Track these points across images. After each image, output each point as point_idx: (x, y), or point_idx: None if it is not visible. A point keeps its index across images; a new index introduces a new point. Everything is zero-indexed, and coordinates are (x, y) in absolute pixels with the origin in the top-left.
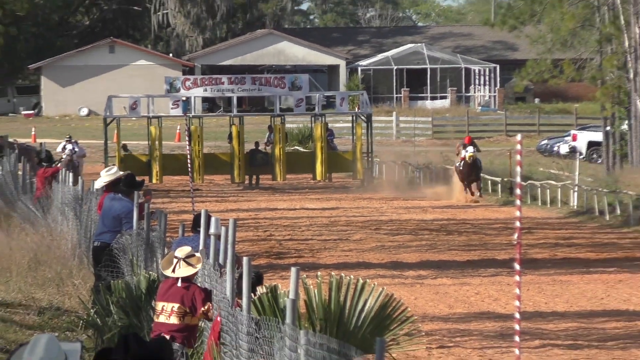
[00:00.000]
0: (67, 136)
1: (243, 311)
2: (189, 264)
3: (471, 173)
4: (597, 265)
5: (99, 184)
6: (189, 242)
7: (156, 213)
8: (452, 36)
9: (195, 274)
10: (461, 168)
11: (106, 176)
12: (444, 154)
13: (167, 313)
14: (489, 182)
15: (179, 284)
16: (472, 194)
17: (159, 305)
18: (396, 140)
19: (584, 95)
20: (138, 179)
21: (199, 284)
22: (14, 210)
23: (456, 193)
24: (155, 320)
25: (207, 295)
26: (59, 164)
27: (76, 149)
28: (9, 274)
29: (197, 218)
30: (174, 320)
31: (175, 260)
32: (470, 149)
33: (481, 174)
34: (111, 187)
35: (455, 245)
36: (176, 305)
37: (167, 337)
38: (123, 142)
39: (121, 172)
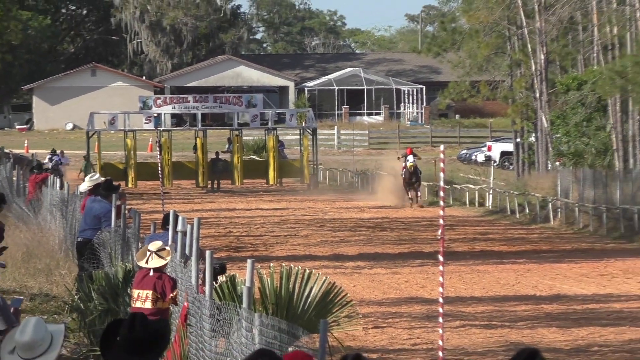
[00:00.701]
0: (52, 149)
1: (206, 297)
2: (160, 257)
3: (412, 178)
4: (509, 256)
5: (83, 187)
6: (159, 238)
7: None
8: (385, 62)
9: (166, 265)
10: (403, 175)
11: (89, 181)
12: (378, 162)
13: (142, 299)
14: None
15: (151, 273)
16: (414, 199)
17: (135, 292)
18: (338, 150)
19: (498, 111)
20: (115, 183)
21: (168, 274)
22: (9, 211)
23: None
24: (133, 305)
25: (175, 283)
26: (48, 172)
27: (61, 160)
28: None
29: (166, 217)
30: (148, 305)
31: (148, 253)
32: (411, 158)
33: (420, 180)
34: (93, 190)
35: (388, 240)
36: (150, 292)
37: None
38: (85, 152)
39: (102, 178)
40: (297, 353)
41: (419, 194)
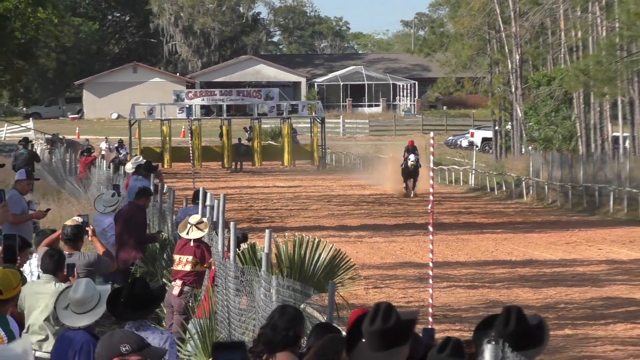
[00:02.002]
0: (119, 140)
1: (231, 261)
2: (199, 229)
3: (410, 175)
4: (488, 227)
5: (129, 168)
6: (190, 211)
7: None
8: (383, 61)
9: (204, 236)
10: (403, 168)
11: (133, 163)
12: (378, 147)
13: (182, 263)
14: None
15: (192, 243)
16: (410, 189)
17: (176, 257)
18: (342, 137)
19: (479, 103)
20: (154, 164)
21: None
22: (63, 188)
23: (397, 185)
24: (174, 268)
25: (210, 250)
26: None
27: (126, 152)
28: None
29: (196, 193)
30: (188, 268)
31: (189, 226)
32: (412, 157)
33: (418, 175)
34: (136, 171)
35: (385, 213)
36: (190, 257)
37: (181, 281)
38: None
39: (143, 160)
40: (355, 312)
41: (416, 185)
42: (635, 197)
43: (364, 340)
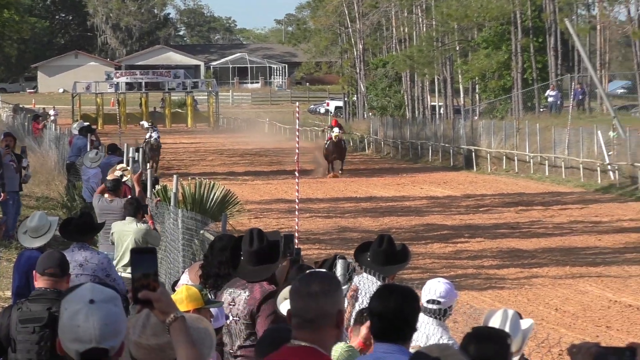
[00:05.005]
0: (151, 123)
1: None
2: (125, 175)
3: (334, 151)
4: (353, 171)
5: (74, 129)
6: (112, 160)
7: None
8: (262, 49)
9: (128, 179)
10: (327, 146)
11: (77, 126)
12: (257, 113)
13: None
14: (284, 129)
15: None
16: (334, 170)
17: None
18: (231, 106)
19: (333, 81)
20: (92, 127)
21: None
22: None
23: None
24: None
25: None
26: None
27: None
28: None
29: (109, 146)
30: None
31: (121, 172)
32: (336, 129)
33: (344, 153)
34: (79, 132)
35: (264, 162)
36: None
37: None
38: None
39: (84, 123)
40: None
41: (342, 166)
42: (447, 150)
43: (242, 258)
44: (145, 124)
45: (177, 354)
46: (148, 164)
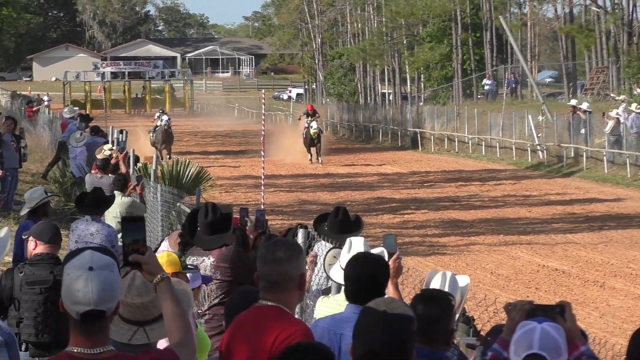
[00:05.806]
0: (160, 109)
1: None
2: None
3: (313, 143)
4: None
5: (66, 113)
6: (98, 141)
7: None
8: (232, 43)
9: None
10: (304, 136)
11: (70, 110)
12: (228, 99)
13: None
14: (251, 113)
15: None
16: (313, 157)
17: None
18: (205, 92)
19: (295, 70)
20: (82, 112)
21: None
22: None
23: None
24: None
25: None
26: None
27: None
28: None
29: (92, 128)
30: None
31: (110, 152)
32: (315, 124)
33: (321, 143)
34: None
35: (233, 143)
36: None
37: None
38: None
39: (76, 108)
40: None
41: (320, 154)
42: (396, 132)
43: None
44: (157, 113)
45: (163, 309)
46: (164, 150)
